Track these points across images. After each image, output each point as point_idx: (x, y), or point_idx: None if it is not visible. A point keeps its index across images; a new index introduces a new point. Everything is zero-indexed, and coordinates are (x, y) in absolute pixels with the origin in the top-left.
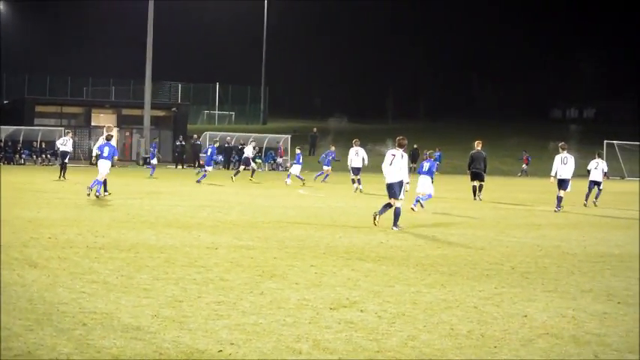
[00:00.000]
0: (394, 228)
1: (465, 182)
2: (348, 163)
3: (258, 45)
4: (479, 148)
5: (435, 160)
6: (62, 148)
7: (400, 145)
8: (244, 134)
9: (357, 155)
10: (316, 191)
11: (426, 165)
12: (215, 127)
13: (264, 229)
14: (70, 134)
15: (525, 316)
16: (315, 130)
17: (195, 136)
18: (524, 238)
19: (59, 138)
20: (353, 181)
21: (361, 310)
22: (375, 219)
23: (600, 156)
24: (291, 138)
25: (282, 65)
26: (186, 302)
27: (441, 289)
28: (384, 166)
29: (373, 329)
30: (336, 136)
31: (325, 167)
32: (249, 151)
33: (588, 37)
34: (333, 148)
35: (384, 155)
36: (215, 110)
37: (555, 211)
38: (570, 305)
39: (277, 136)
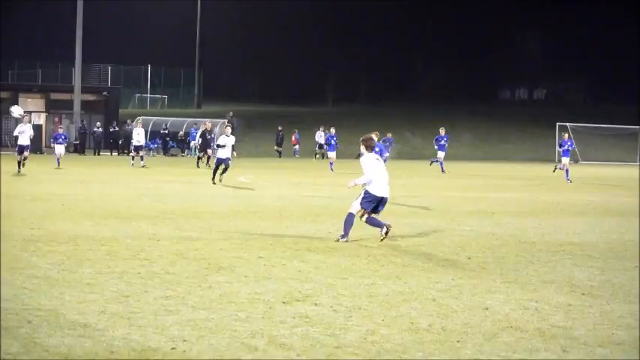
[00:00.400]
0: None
1: (409, 168)
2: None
3: (191, 25)
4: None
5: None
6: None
7: (370, 147)
8: (180, 119)
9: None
10: (258, 179)
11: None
12: (147, 111)
13: (207, 219)
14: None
15: (487, 308)
16: (231, 113)
17: (128, 121)
18: (479, 227)
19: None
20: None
21: (315, 304)
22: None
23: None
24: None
25: (217, 46)
26: (133, 297)
27: (396, 281)
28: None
29: (330, 324)
30: (274, 121)
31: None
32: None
33: (538, 16)
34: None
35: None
36: (147, 94)
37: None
38: (533, 297)
39: (213, 120)
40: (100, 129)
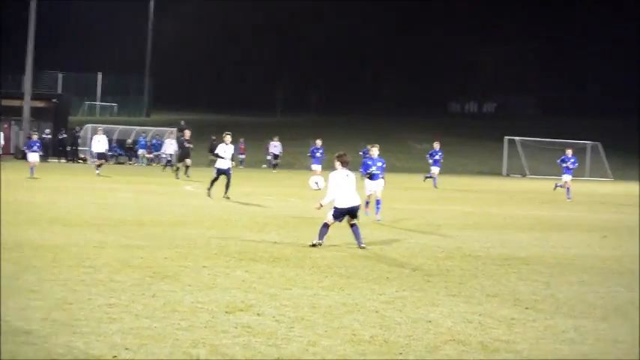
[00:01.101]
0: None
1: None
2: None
3: (142, 33)
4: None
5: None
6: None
7: (345, 163)
8: (128, 127)
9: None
10: (204, 188)
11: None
12: (97, 118)
13: (153, 227)
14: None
15: (430, 321)
16: (182, 122)
17: (77, 127)
18: (424, 239)
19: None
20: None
21: (258, 314)
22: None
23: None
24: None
25: (168, 55)
26: (77, 304)
27: (339, 293)
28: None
29: (272, 334)
30: (222, 129)
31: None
32: (169, 146)
33: (488, 29)
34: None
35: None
36: (97, 101)
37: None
38: (476, 310)
39: (162, 129)
40: (49, 136)
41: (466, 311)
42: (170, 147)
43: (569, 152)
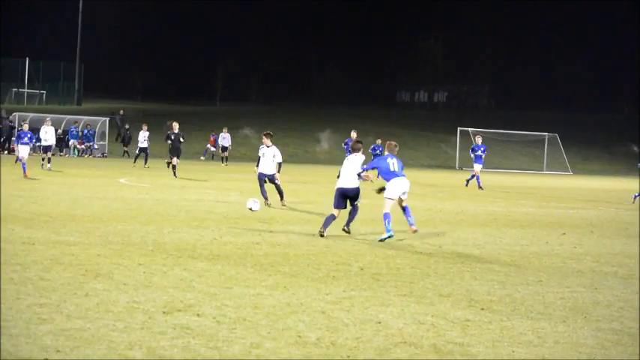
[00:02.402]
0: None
1: (308, 174)
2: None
3: (73, 16)
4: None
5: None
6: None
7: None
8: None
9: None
10: (139, 181)
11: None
12: (24, 106)
13: (85, 222)
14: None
15: (379, 322)
16: (122, 112)
17: (11, 117)
18: (373, 236)
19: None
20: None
21: (198, 315)
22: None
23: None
24: (109, 121)
25: (99, 39)
26: (5, 304)
27: (284, 292)
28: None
29: (212, 336)
30: (159, 119)
31: None
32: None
33: (440, 17)
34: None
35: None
36: (24, 88)
37: None
38: (428, 311)
39: (94, 118)
40: None
41: (418, 312)
42: (145, 141)
43: (478, 140)
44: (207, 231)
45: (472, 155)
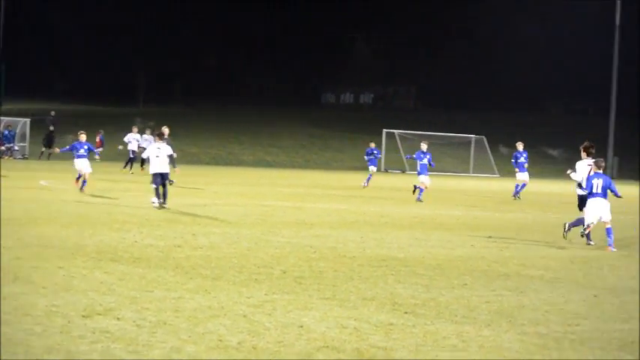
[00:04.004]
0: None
1: (224, 175)
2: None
3: None
4: None
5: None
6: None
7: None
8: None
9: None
10: (61, 183)
11: None
12: None
13: (3, 225)
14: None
15: (301, 326)
16: (53, 113)
17: None
18: (296, 238)
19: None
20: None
21: (118, 318)
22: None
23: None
24: (30, 122)
25: (22, 38)
26: None
27: (205, 295)
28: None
29: (132, 340)
30: (82, 121)
31: None
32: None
33: (365, 18)
34: None
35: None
36: None
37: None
38: (351, 315)
39: (14, 119)
40: None
41: (341, 316)
42: (135, 143)
43: (371, 144)
44: (128, 234)
45: (514, 164)
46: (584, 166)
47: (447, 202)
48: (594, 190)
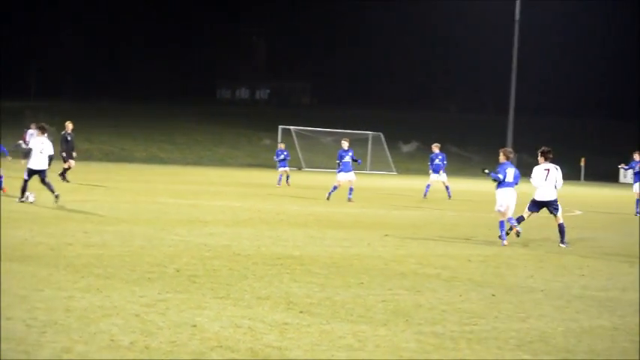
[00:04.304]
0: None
1: (117, 172)
2: None
3: None
4: None
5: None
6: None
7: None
8: None
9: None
10: None
11: None
12: None
13: None
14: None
15: (195, 325)
16: None
17: None
18: (189, 236)
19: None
20: None
21: (7, 318)
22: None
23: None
24: None
25: None
26: None
27: (97, 294)
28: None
29: (22, 339)
30: None
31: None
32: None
33: (262, 11)
34: None
35: None
36: None
37: None
38: (246, 314)
39: None
40: None
41: (235, 315)
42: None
43: (281, 145)
44: (19, 231)
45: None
46: (542, 171)
47: (343, 200)
48: (507, 180)
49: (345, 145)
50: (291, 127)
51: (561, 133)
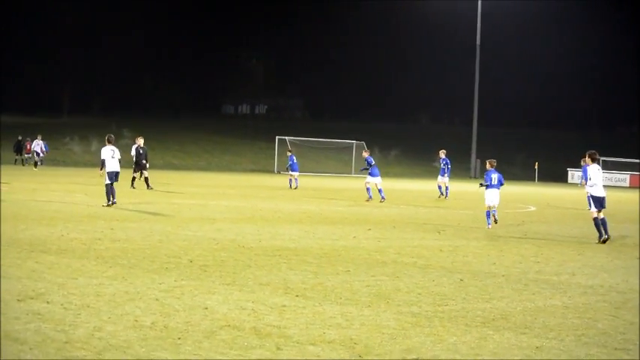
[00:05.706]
0: None
1: (129, 177)
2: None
3: None
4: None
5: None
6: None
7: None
8: None
9: None
10: None
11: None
12: None
13: None
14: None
15: (206, 308)
16: None
17: None
18: (200, 232)
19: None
20: None
21: (47, 302)
22: None
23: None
24: None
25: None
26: None
27: (122, 282)
28: (599, 180)
29: (60, 320)
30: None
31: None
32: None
33: (258, 38)
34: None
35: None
36: None
37: None
38: (249, 298)
39: None
40: None
41: (240, 299)
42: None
43: (289, 152)
44: (56, 228)
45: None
46: (595, 171)
47: (332, 200)
48: (493, 183)
49: (365, 154)
50: (286, 137)
51: (519, 142)
